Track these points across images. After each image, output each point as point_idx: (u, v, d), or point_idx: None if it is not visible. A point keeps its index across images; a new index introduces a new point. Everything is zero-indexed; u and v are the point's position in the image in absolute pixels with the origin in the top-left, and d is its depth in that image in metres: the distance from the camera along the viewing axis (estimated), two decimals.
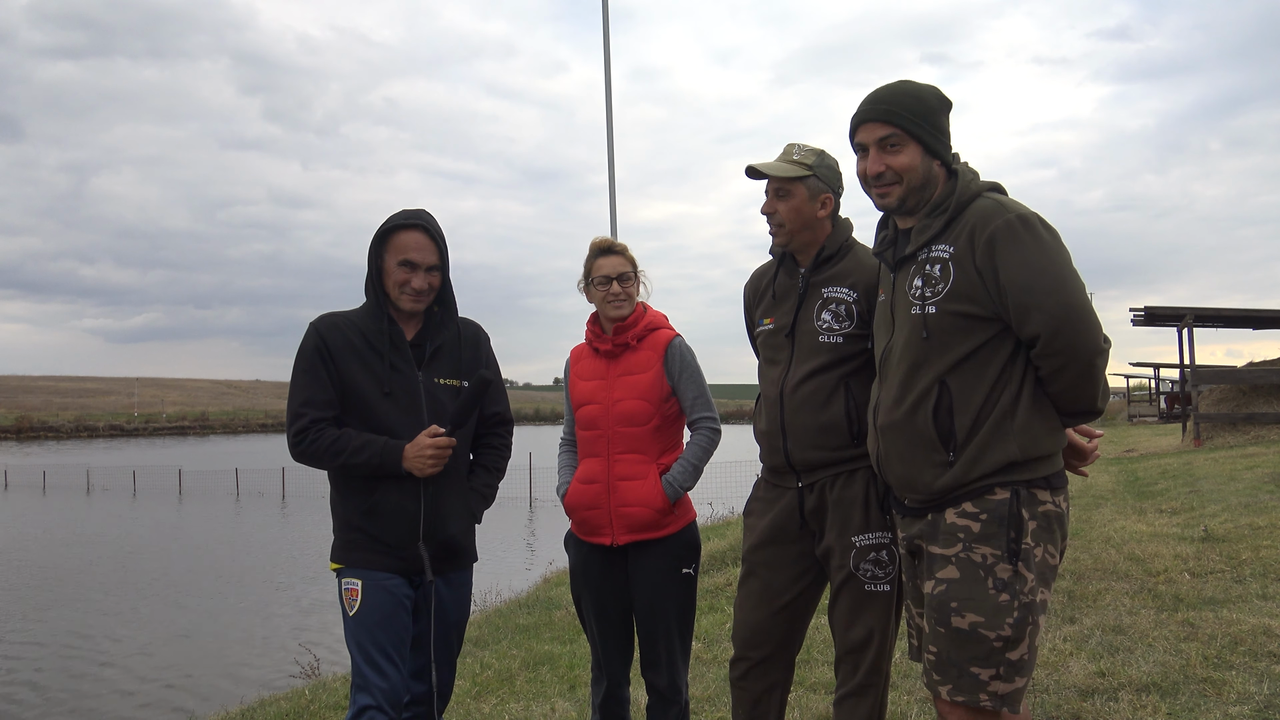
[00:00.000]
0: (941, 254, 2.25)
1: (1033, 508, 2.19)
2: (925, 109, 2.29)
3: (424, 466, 2.77)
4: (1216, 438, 17.22)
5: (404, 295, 2.84)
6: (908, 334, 2.30)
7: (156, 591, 14.75)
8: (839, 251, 2.80)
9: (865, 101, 2.35)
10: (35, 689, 9.67)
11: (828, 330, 2.74)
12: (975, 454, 2.20)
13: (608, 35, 8.33)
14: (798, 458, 2.76)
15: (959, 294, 2.21)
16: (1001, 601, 2.13)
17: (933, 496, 2.26)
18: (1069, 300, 2.14)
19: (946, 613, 2.17)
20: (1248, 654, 4.22)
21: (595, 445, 3.12)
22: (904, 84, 2.34)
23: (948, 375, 2.23)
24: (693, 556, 3.11)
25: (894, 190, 2.32)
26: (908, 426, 2.28)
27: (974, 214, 2.23)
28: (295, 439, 2.78)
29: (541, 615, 7.02)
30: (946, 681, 2.17)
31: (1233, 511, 8.10)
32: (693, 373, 3.13)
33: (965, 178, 2.30)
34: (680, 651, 3.10)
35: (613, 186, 8.08)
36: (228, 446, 59.46)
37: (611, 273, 3.11)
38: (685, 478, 3.06)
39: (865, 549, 2.70)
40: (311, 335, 2.84)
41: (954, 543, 2.20)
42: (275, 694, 6.33)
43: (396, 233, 2.84)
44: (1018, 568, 2.15)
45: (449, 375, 2.92)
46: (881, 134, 2.30)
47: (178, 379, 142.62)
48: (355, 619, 2.74)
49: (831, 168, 2.80)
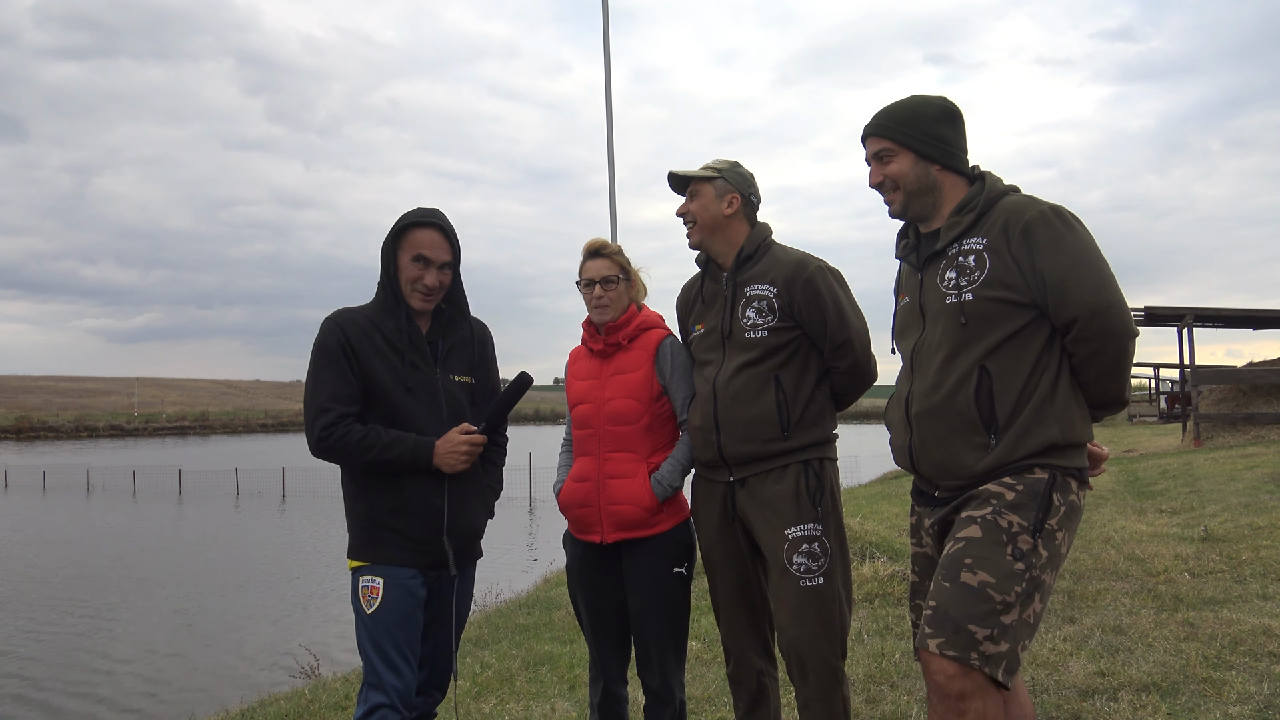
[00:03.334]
0: (975, 245, 2.34)
1: (1064, 494, 2.24)
2: (918, 119, 2.43)
3: (456, 463, 2.81)
4: (1216, 438, 17.22)
5: (415, 292, 2.86)
6: (944, 324, 2.36)
7: (156, 591, 14.76)
8: (757, 251, 3.00)
9: (870, 119, 2.51)
10: (35, 689, 9.68)
11: (752, 326, 2.92)
12: (1018, 435, 2.25)
13: (607, 36, 8.33)
14: (730, 451, 2.91)
15: (996, 280, 2.29)
16: (1016, 569, 2.17)
17: (973, 479, 2.30)
18: (1104, 286, 2.23)
19: (958, 569, 2.20)
20: (1248, 654, 4.22)
21: (587, 444, 3.14)
22: (908, 99, 2.49)
23: (987, 359, 2.29)
24: (685, 556, 3.11)
25: (895, 197, 2.48)
26: (947, 410, 2.32)
27: (1005, 208, 2.33)
28: (322, 434, 2.74)
29: (541, 615, 7.02)
30: (940, 634, 2.18)
31: (1233, 511, 8.10)
32: (684, 372, 3.13)
33: (992, 180, 2.43)
34: (673, 651, 3.10)
35: (613, 187, 8.07)
36: (228, 446, 59.46)
37: (595, 276, 3.13)
38: (674, 476, 3.07)
39: (797, 540, 2.84)
40: (333, 330, 2.81)
41: (985, 505, 2.24)
42: (275, 694, 6.32)
43: (411, 230, 2.86)
44: (1038, 543, 2.20)
45: (462, 372, 2.98)
46: (876, 147, 2.48)
47: (178, 379, 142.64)
48: (374, 617, 2.75)
49: (743, 176, 3.05)
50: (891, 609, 5.53)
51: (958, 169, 2.45)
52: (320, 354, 2.80)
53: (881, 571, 6.00)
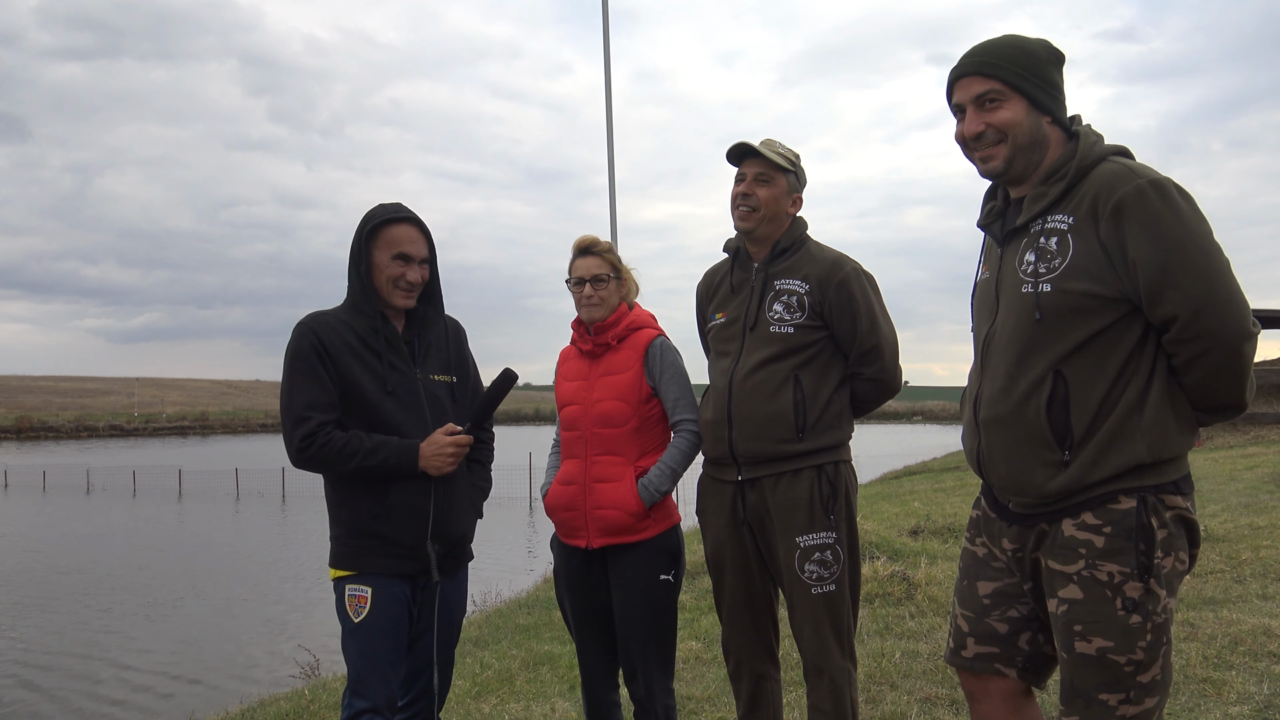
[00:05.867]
0: (1059, 225, 2.00)
1: (1162, 515, 1.94)
2: (1029, 59, 2.05)
3: (442, 465, 2.73)
4: (1216, 438, 17.22)
5: (397, 290, 2.77)
6: (1016, 316, 2.05)
7: (156, 591, 14.75)
8: (793, 245, 2.90)
9: (963, 56, 2.12)
10: (34, 689, 9.68)
11: (779, 321, 2.82)
12: (1095, 454, 1.95)
13: (607, 36, 8.34)
14: (741, 448, 2.83)
15: (1078, 270, 1.95)
16: (1133, 624, 1.91)
17: (1044, 500, 2.02)
18: (1212, 277, 1.86)
19: (1071, 637, 1.96)
20: (1248, 654, 4.22)
21: (574, 446, 3.08)
22: (1007, 37, 2.11)
23: (1063, 364, 1.98)
24: (672, 563, 3.04)
25: (998, 151, 2.07)
26: (1016, 421, 2.03)
27: (1098, 179, 1.97)
28: (302, 443, 2.64)
29: (541, 615, 7.01)
30: (1073, 712, 1.99)
31: (1233, 511, 8.10)
32: (675, 373, 3.06)
33: (1088, 139, 2.05)
34: (659, 661, 3.02)
35: (612, 187, 8.08)
36: (228, 446, 59.41)
37: (585, 274, 3.06)
38: (662, 481, 2.98)
39: (809, 549, 2.77)
40: (306, 335, 2.70)
41: (1075, 559, 1.96)
42: (275, 694, 6.33)
43: (387, 226, 2.75)
44: (1149, 585, 1.91)
45: (442, 371, 2.89)
46: (980, 90, 2.06)
47: (178, 379, 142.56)
48: (362, 627, 2.69)
49: (804, 171, 2.96)
50: (891, 609, 5.53)
51: (1063, 124, 2.08)
52: (295, 360, 2.68)
53: (881, 571, 5.99)
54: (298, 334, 2.72)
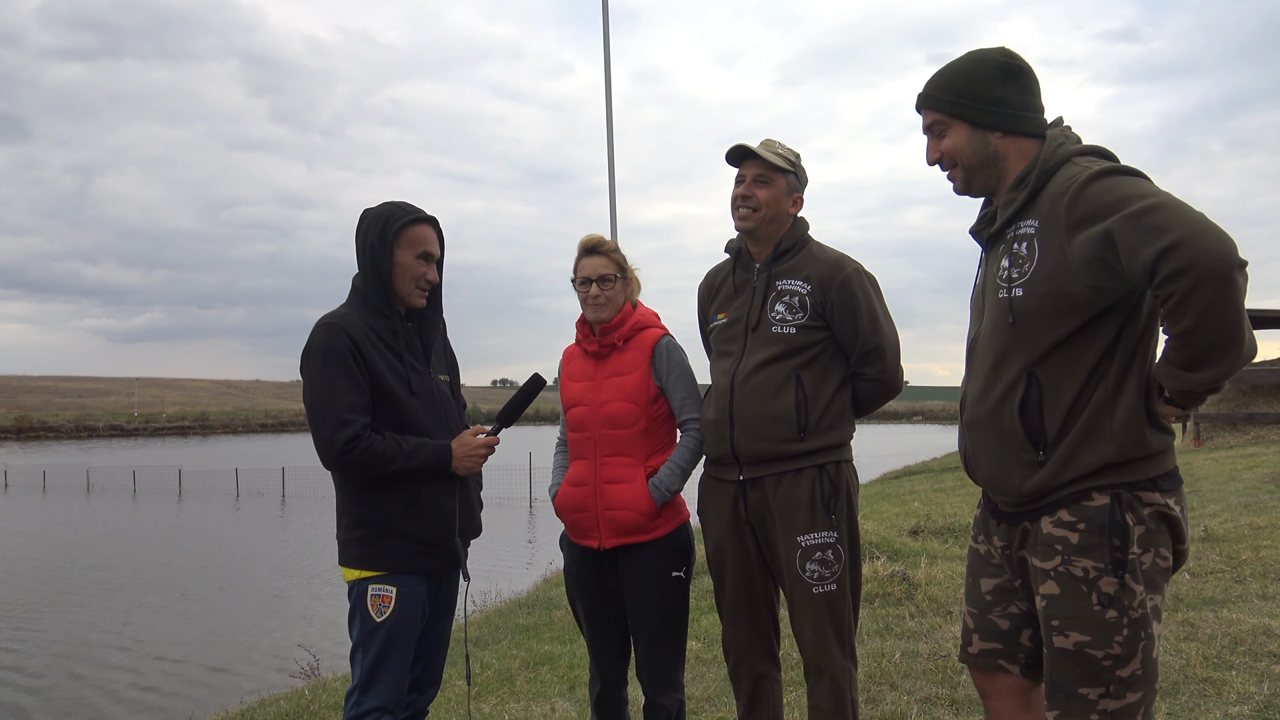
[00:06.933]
0: (1028, 229, 2.05)
1: (1139, 511, 1.98)
2: (969, 82, 2.13)
3: (473, 466, 2.80)
4: (1216, 438, 17.23)
5: (416, 290, 2.79)
6: (994, 320, 2.12)
7: (156, 591, 14.75)
8: (795, 246, 2.92)
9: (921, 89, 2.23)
10: (34, 690, 9.67)
11: (781, 321, 2.84)
12: (1067, 454, 2.01)
13: (607, 37, 8.34)
14: (743, 448, 2.85)
15: (1048, 273, 1.99)
16: (1109, 619, 1.95)
17: (1022, 499, 2.09)
18: (1185, 210, 1.80)
19: (1050, 632, 2.02)
20: (1248, 654, 4.22)
21: (583, 448, 3.09)
22: (962, 59, 2.18)
23: (1037, 366, 2.03)
24: (683, 560, 3.06)
25: (955, 175, 2.20)
26: (994, 423, 2.11)
27: (1058, 182, 2.01)
28: (346, 446, 2.59)
29: (541, 615, 7.01)
30: (1054, 707, 2.03)
31: (1233, 511, 8.10)
32: (682, 372, 3.07)
33: (1053, 144, 2.07)
34: (672, 655, 3.05)
35: (613, 187, 8.08)
36: (228, 446, 59.43)
37: (592, 274, 3.05)
38: (672, 480, 3.01)
39: (811, 549, 2.78)
40: (339, 335, 2.64)
41: (1052, 555, 2.02)
42: (275, 694, 6.33)
43: (412, 226, 2.75)
44: (1124, 580, 1.95)
45: (444, 371, 2.94)
46: (927, 121, 2.21)
47: (178, 379, 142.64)
48: (385, 626, 2.67)
49: (805, 171, 2.96)
50: (891, 609, 5.53)
51: (1026, 132, 2.12)
52: (330, 359, 2.63)
53: (881, 571, 5.99)
54: (329, 333, 2.67)
